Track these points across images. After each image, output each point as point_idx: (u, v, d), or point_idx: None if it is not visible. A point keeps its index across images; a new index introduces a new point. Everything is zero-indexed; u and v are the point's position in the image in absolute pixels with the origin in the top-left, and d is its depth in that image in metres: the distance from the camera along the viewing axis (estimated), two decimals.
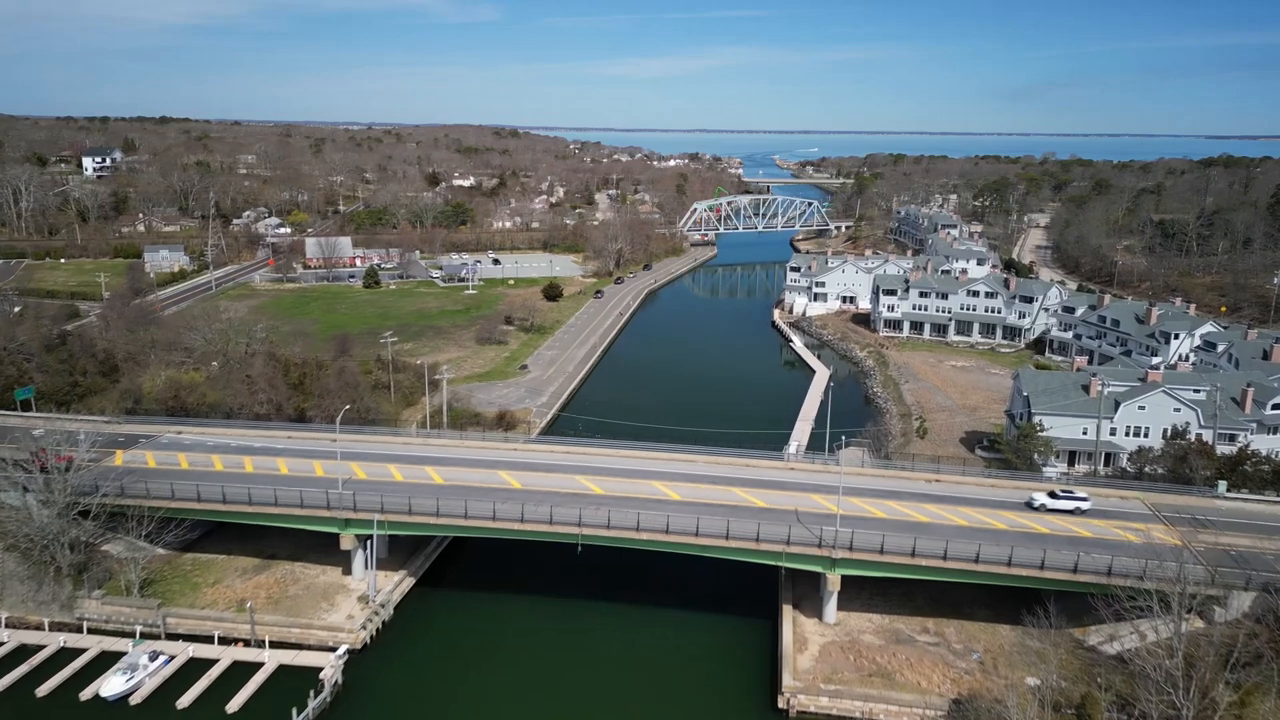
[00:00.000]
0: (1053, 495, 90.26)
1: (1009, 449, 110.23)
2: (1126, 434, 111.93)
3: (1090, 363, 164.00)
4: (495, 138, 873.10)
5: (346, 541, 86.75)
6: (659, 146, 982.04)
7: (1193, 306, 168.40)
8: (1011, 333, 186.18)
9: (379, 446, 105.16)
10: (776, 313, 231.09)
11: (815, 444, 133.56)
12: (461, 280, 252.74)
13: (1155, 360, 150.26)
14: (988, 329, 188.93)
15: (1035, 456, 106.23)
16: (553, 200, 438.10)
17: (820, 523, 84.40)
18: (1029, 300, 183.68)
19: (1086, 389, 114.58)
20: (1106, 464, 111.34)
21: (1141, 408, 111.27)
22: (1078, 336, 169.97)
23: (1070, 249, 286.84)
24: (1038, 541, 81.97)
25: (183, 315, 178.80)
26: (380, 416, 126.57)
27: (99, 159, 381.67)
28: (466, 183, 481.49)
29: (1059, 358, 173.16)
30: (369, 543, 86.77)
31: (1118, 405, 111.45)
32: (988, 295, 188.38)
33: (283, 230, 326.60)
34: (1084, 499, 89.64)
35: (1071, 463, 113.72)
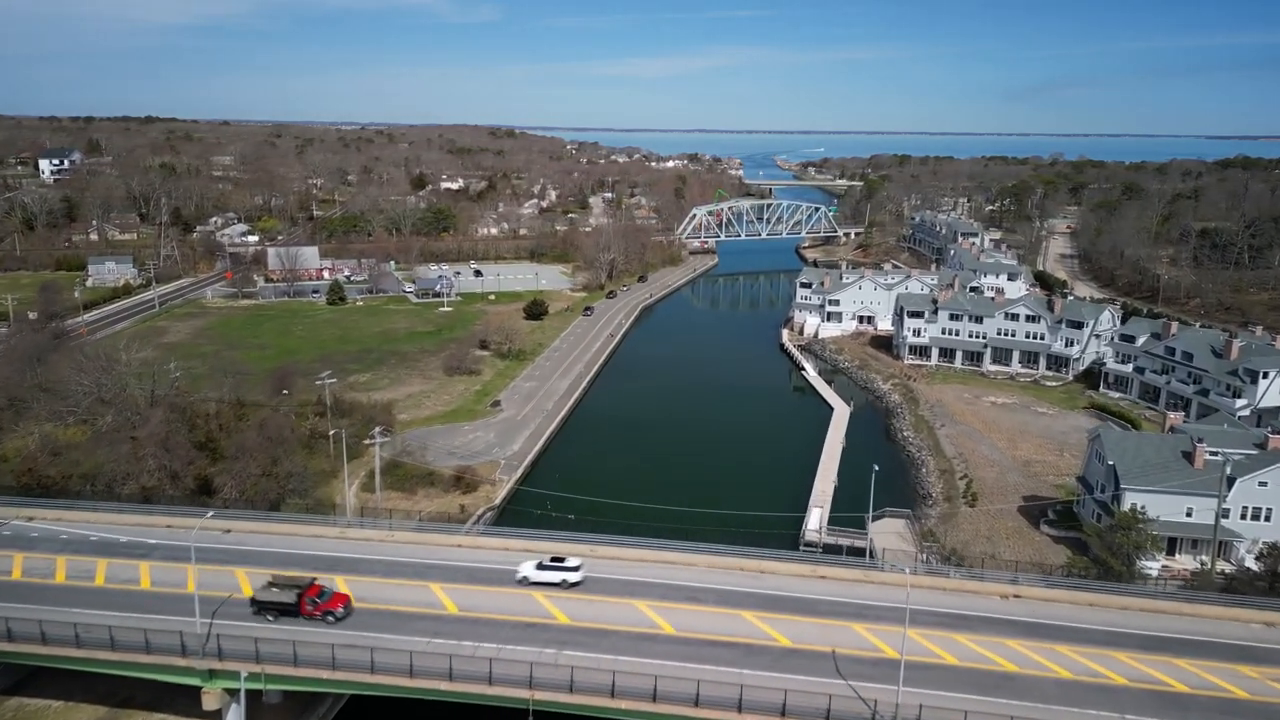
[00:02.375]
0: (540, 566, 73.09)
1: (1097, 539, 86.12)
2: (1242, 517, 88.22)
3: (1155, 401, 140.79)
4: (491, 138, 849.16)
5: (211, 699, 62.87)
6: (658, 147, 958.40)
7: None
8: (1057, 363, 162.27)
9: (282, 541, 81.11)
10: (785, 333, 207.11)
11: (841, 509, 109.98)
12: (436, 295, 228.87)
13: (1239, 404, 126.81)
14: (1029, 357, 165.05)
15: (1131, 551, 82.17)
16: (544, 204, 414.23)
17: (867, 672, 60.77)
18: (1078, 325, 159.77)
19: (1189, 458, 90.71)
20: (1219, 555, 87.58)
21: (1263, 484, 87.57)
22: (1139, 370, 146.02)
23: (1103, 259, 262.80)
24: (1174, 707, 58.24)
25: (101, 345, 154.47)
26: (303, 487, 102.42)
27: (56, 161, 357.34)
28: (455, 185, 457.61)
29: (1116, 394, 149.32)
30: (241, 697, 63.00)
31: (1231, 481, 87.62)
32: (1029, 319, 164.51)
33: (250, 238, 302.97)
34: (574, 568, 72.61)
35: (1171, 551, 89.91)
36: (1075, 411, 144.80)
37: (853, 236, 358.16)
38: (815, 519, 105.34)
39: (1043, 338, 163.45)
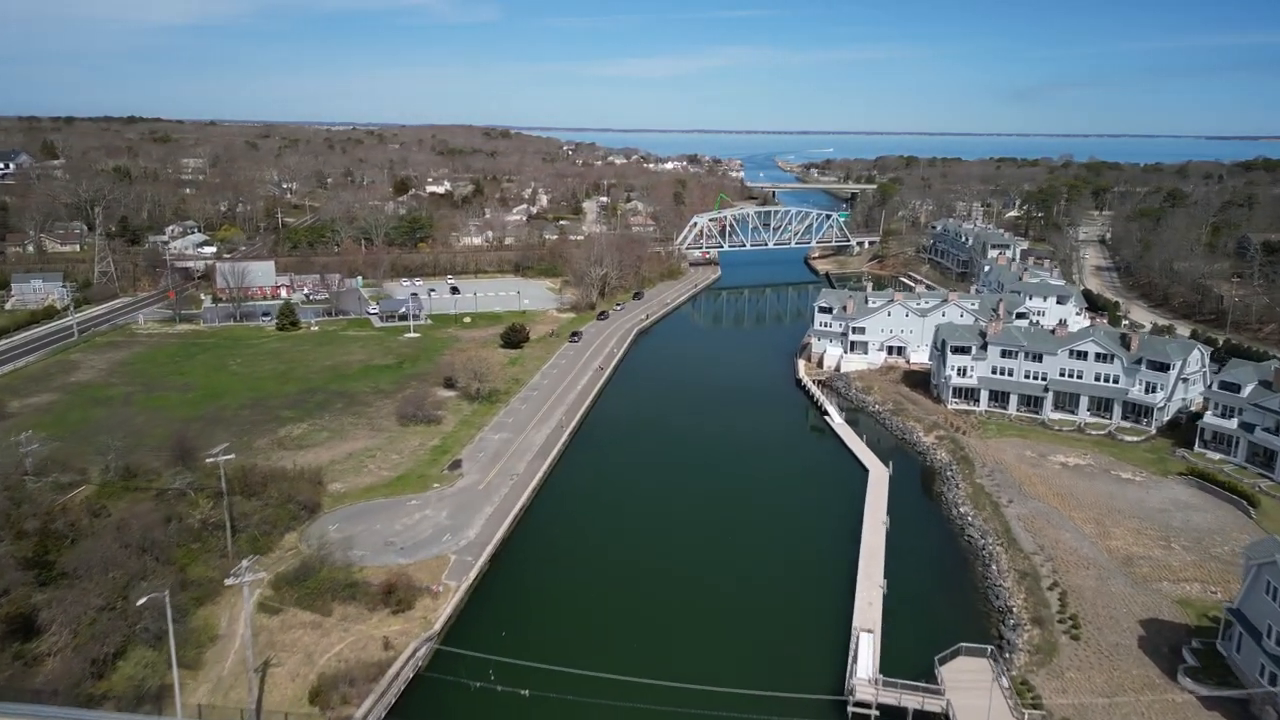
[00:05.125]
0: None
1: None
2: None
3: (1269, 467, 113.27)
4: (485, 139, 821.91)
5: None
6: (657, 147, 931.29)
7: None
8: (1136, 411, 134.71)
9: None
10: (802, 365, 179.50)
11: (896, 633, 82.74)
12: (402, 318, 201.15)
13: None
14: (1100, 405, 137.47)
15: None
16: (534, 210, 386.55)
17: None
18: (1161, 368, 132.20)
19: None
20: None
21: None
22: (1247, 427, 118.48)
23: (1152, 275, 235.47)
24: None
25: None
26: (159, 626, 74.54)
27: (1, 165, 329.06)
28: (440, 189, 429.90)
29: (1216, 454, 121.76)
30: None
31: None
32: (1099, 358, 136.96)
33: (206, 249, 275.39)
34: None
35: None
36: (1168, 479, 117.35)
37: (866, 246, 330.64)
38: (865, 658, 77.64)
39: (1117, 381, 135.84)
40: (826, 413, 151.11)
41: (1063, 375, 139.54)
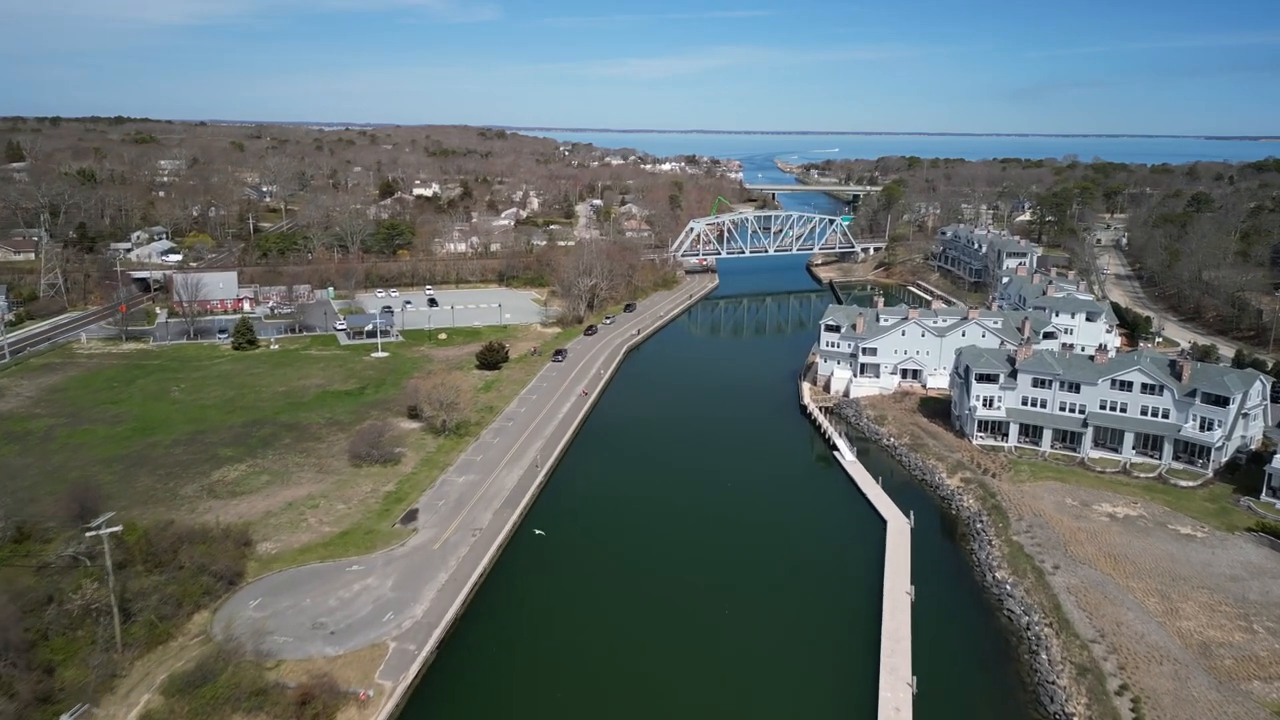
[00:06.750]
0: None
1: None
2: None
3: None
4: (480, 139, 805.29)
5: None
6: (655, 148, 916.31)
7: None
8: (1189, 450, 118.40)
9: None
10: (807, 388, 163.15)
11: None
12: (371, 335, 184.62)
13: None
14: (1148, 442, 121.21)
15: None
16: (524, 214, 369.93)
17: None
18: (1219, 402, 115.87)
19: None
20: None
21: None
22: None
23: (1180, 286, 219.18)
24: None
25: None
26: None
27: None
28: (427, 192, 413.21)
29: None
30: None
31: None
32: (1146, 389, 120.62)
33: (172, 257, 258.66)
34: None
35: None
36: (1235, 535, 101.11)
37: (871, 253, 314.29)
38: None
39: (1168, 415, 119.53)
40: (835, 447, 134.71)
41: (1104, 408, 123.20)
